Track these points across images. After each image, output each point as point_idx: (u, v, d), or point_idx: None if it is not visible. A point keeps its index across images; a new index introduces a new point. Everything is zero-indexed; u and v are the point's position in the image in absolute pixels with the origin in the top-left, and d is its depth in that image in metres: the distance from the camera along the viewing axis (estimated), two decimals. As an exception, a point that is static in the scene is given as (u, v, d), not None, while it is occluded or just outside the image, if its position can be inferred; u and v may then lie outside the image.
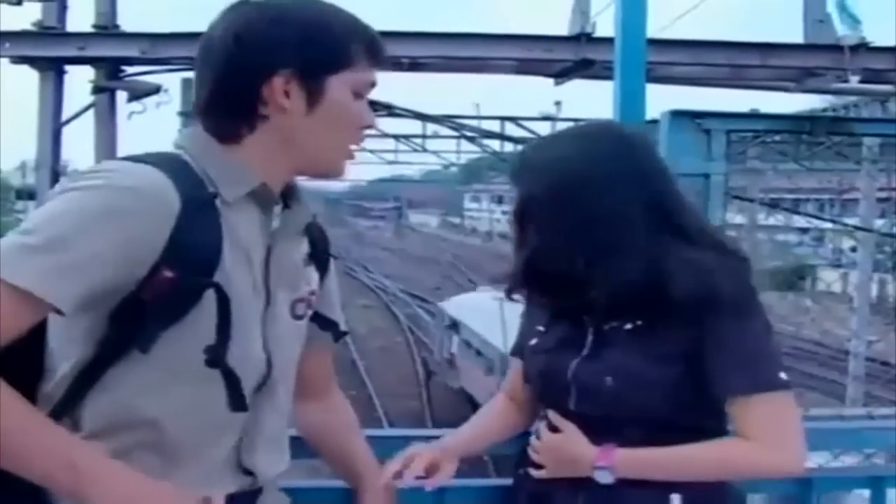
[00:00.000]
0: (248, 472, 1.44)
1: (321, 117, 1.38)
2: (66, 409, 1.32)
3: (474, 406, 13.48)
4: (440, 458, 1.73)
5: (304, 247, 1.52)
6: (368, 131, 1.51)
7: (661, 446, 1.63)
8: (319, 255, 1.56)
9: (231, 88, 1.36)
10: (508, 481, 1.86)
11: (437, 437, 1.82)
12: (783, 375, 1.61)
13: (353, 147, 1.45)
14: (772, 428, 1.61)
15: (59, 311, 1.23)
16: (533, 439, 1.76)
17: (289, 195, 1.47)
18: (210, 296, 1.31)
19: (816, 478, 2.05)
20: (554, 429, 1.71)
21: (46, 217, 1.24)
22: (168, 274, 1.26)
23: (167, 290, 1.27)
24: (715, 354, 1.60)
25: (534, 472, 1.73)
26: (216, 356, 1.33)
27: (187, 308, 1.30)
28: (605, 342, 1.67)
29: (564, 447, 1.69)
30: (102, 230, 1.22)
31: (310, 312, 1.54)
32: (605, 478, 1.63)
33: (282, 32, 1.35)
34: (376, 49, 1.42)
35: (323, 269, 1.58)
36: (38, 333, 1.31)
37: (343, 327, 1.66)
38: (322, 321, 1.60)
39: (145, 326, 1.28)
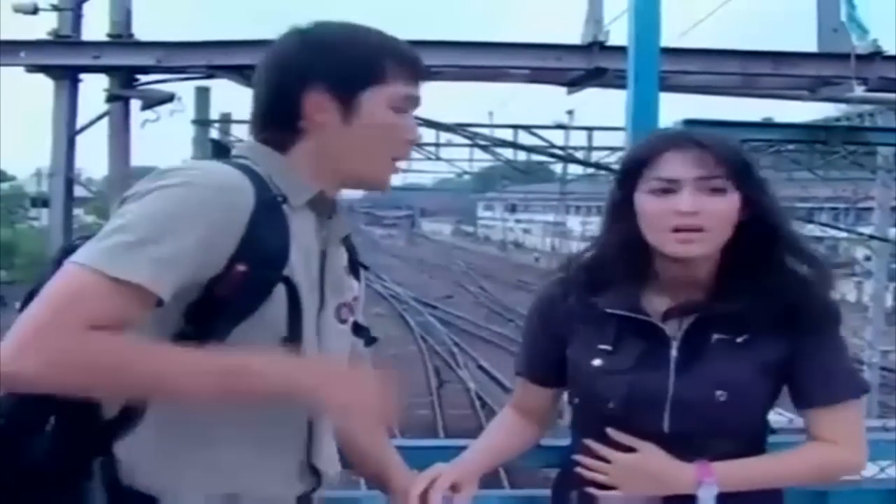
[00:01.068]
0: (315, 473, 1.51)
1: (357, 131, 1.47)
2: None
3: (488, 415, 13.44)
4: (462, 479, 1.74)
5: (344, 256, 1.60)
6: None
7: (744, 458, 1.66)
8: (354, 265, 1.64)
9: (274, 104, 1.49)
10: (529, 492, 1.85)
11: (451, 448, 1.82)
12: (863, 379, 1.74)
13: (396, 160, 1.53)
14: (853, 431, 1.69)
15: (160, 303, 1.30)
16: (590, 461, 1.70)
17: (332, 207, 1.55)
18: (280, 291, 1.39)
19: (832, 491, 2.04)
20: (621, 447, 1.67)
21: (138, 215, 1.31)
22: (241, 268, 1.34)
23: (240, 284, 1.35)
24: (813, 365, 1.65)
25: (600, 493, 1.68)
26: (291, 346, 1.40)
27: (258, 302, 1.38)
28: (694, 356, 1.64)
29: (649, 466, 1.64)
30: (191, 224, 1.31)
31: (352, 319, 1.60)
32: (709, 494, 1.61)
33: (312, 54, 1.47)
34: (409, 64, 1.51)
35: (357, 278, 1.65)
36: None
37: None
38: (355, 327, 1.64)
39: (220, 319, 1.36)
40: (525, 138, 15.66)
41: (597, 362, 1.69)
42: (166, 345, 1.34)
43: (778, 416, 1.86)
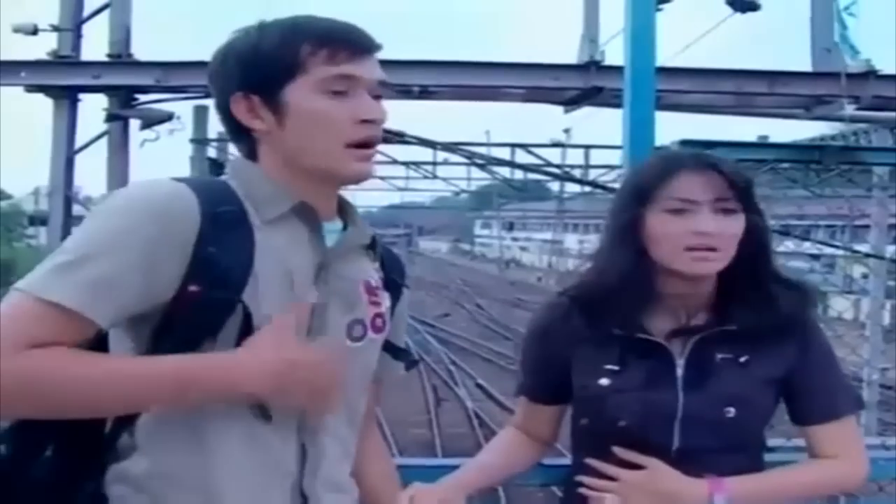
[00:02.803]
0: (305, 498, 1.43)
1: (294, 127, 1.42)
2: (123, 423, 1.36)
3: (486, 434, 13.42)
4: (446, 498, 1.71)
5: (369, 269, 1.53)
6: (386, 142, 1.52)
7: (754, 472, 1.69)
8: (390, 281, 1.57)
9: (222, 121, 1.49)
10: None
11: (449, 466, 1.82)
12: (859, 393, 1.78)
13: (352, 146, 1.43)
14: (854, 445, 1.74)
15: (98, 326, 1.28)
16: (596, 481, 1.70)
17: (345, 215, 1.51)
18: (240, 315, 1.34)
19: (831, 509, 2.04)
20: (626, 465, 1.67)
21: (76, 237, 1.32)
22: (193, 288, 1.31)
23: (194, 306, 1.31)
24: (813, 383, 1.70)
25: None
26: None
27: (217, 326, 1.34)
28: (700, 374, 1.66)
29: (660, 484, 1.64)
30: (124, 245, 1.28)
31: (374, 336, 1.52)
32: None
33: (228, 65, 1.45)
34: (331, 43, 1.41)
35: (394, 296, 1.59)
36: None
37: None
38: (394, 350, 1.61)
39: (178, 342, 1.32)
40: (522, 156, 15.71)
41: (604, 381, 1.69)
42: (104, 356, 1.33)
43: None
